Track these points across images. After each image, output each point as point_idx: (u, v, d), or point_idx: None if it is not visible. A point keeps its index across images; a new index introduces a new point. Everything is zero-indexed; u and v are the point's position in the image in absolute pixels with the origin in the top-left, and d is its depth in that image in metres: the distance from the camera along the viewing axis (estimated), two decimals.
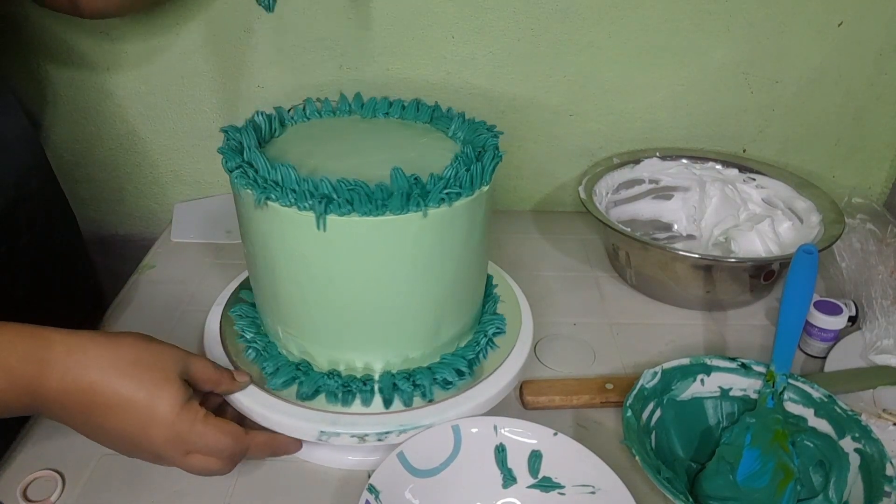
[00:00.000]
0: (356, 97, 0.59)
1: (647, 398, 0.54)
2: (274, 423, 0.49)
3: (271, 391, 0.51)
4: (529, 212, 0.91)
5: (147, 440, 0.44)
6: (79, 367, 0.42)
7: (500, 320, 0.58)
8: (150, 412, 0.43)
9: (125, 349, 0.44)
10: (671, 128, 0.85)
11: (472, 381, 0.52)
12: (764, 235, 0.74)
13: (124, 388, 0.43)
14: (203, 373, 0.48)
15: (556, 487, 0.49)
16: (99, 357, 0.43)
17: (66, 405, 0.43)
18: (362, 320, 0.50)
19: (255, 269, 0.53)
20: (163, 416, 0.43)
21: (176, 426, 0.44)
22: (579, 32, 0.78)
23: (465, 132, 0.55)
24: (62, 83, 0.81)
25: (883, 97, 0.83)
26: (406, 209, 0.45)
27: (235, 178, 0.47)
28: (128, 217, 0.93)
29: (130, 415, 0.43)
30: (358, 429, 0.48)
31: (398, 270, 0.48)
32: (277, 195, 0.45)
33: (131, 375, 0.43)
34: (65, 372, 0.42)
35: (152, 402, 0.43)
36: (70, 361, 0.42)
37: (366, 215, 0.44)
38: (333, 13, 0.76)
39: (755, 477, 0.51)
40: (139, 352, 0.44)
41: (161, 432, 0.44)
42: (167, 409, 0.43)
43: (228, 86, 0.81)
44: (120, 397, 0.43)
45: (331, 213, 0.44)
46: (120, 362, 0.43)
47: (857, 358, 0.64)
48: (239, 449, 0.47)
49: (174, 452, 0.45)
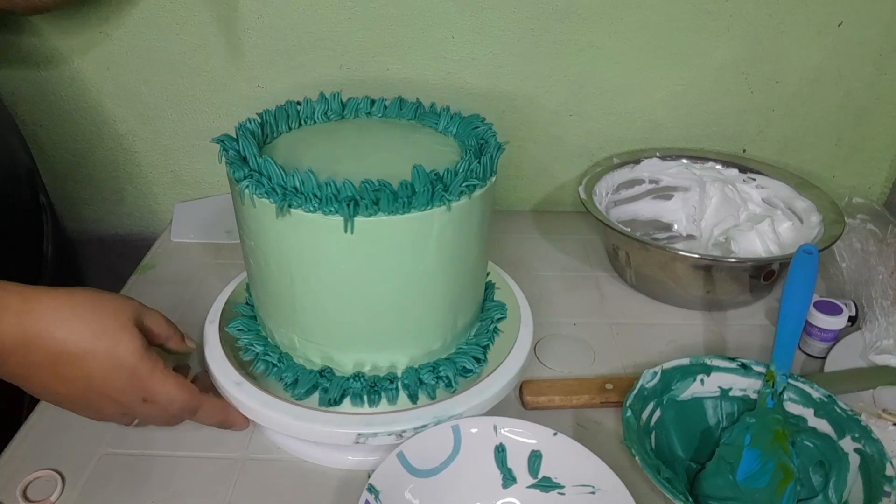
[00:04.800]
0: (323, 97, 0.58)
1: (647, 398, 0.54)
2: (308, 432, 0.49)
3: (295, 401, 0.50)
4: (529, 212, 0.91)
5: (110, 385, 0.45)
6: (35, 315, 0.42)
7: (500, 306, 0.59)
8: (111, 357, 0.44)
9: (80, 298, 0.44)
10: (671, 128, 0.85)
11: (477, 379, 0.53)
12: (764, 235, 0.74)
13: (85, 335, 0.43)
14: (156, 325, 0.49)
15: (555, 487, 0.49)
16: (56, 307, 0.43)
17: (24, 354, 0.43)
18: (389, 319, 0.50)
19: (269, 280, 0.51)
20: (125, 360, 0.44)
21: (137, 371, 0.45)
22: (579, 32, 0.78)
23: (459, 126, 0.55)
24: (62, 83, 0.81)
25: (883, 97, 0.83)
26: (430, 205, 0.45)
27: (247, 187, 0.46)
28: (128, 217, 0.93)
29: (93, 361, 0.44)
30: (396, 426, 0.49)
31: (423, 265, 0.48)
32: (300, 202, 0.44)
33: (91, 322, 0.44)
34: (21, 319, 0.42)
35: (114, 347, 0.44)
36: (26, 309, 0.42)
37: (392, 214, 0.44)
38: (333, 13, 0.76)
39: (755, 477, 0.51)
40: (95, 301, 0.45)
41: (122, 376, 0.45)
42: (128, 354, 0.45)
43: (228, 86, 0.81)
44: (82, 344, 0.43)
45: (358, 215, 0.44)
46: (78, 310, 0.44)
47: (857, 358, 0.64)
48: (192, 405, 0.48)
49: (132, 397, 0.46)
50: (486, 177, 0.49)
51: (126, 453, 0.54)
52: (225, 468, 0.53)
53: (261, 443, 0.55)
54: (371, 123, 0.58)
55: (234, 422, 0.52)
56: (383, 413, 0.50)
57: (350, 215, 0.44)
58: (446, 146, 0.54)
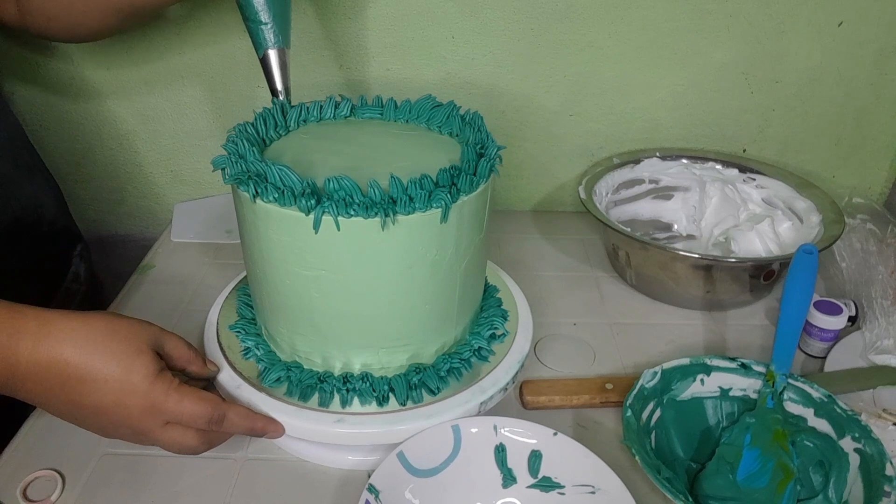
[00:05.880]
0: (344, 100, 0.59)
1: (647, 398, 0.54)
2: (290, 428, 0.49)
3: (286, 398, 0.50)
4: (529, 212, 0.91)
5: (124, 412, 0.44)
6: (51, 340, 0.42)
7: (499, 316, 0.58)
8: (124, 383, 0.43)
9: (97, 323, 0.44)
10: (671, 128, 0.85)
11: (472, 381, 0.53)
12: (764, 235, 0.74)
13: (98, 360, 0.43)
14: (176, 349, 0.49)
15: (555, 487, 0.49)
16: (72, 330, 0.43)
17: (40, 380, 0.42)
18: (362, 320, 0.49)
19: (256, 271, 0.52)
20: (137, 386, 0.44)
21: (151, 395, 0.44)
22: (579, 32, 0.78)
23: (464, 130, 0.55)
24: (62, 83, 0.81)
25: (883, 97, 0.83)
26: (405, 210, 0.44)
27: (233, 177, 0.47)
28: (128, 217, 0.93)
29: (105, 387, 0.43)
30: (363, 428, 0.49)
31: (395, 271, 0.47)
32: (275, 195, 0.45)
33: (104, 348, 0.43)
34: (37, 343, 0.42)
35: (127, 373, 0.43)
36: (42, 333, 0.42)
37: (365, 217, 0.44)
38: (333, 13, 0.76)
39: (755, 477, 0.51)
40: (111, 326, 0.45)
41: (137, 402, 0.44)
42: (141, 379, 0.44)
43: (228, 86, 0.81)
44: (94, 370, 0.43)
45: (329, 214, 0.44)
46: (92, 335, 0.43)
47: (857, 358, 0.64)
48: (216, 415, 0.47)
49: (151, 423, 0.45)
50: (473, 186, 0.48)
51: (126, 453, 0.54)
52: (225, 468, 0.53)
53: (261, 443, 0.55)
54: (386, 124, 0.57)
55: (266, 428, 0.49)
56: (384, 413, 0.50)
57: (320, 213, 0.44)
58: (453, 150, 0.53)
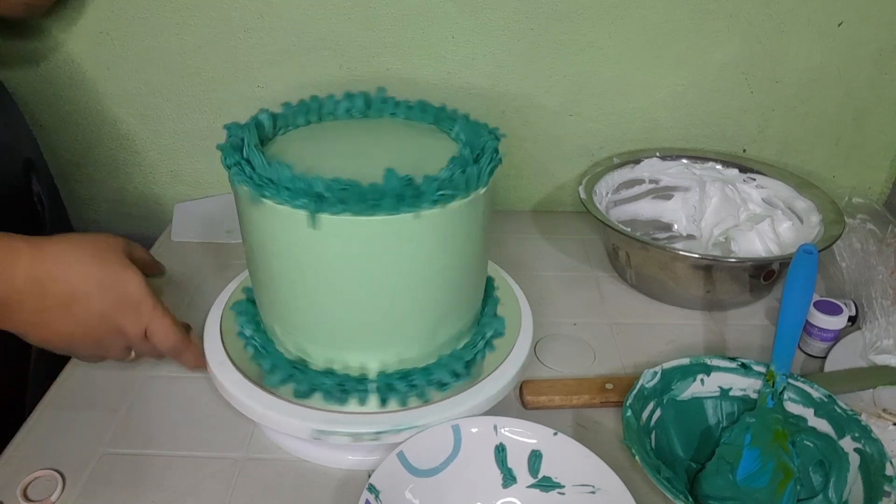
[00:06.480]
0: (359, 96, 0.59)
1: (647, 398, 0.54)
2: (270, 420, 0.49)
3: (269, 389, 0.51)
4: (529, 212, 0.91)
5: (121, 319, 0.49)
6: (46, 260, 0.46)
7: (499, 322, 0.57)
8: (121, 293, 0.48)
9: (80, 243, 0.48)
10: (671, 128, 0.85)
11: (472, 381, 0.52)
12: (764, 235, 0.74)
13: (94, 275, 0.47)
14: (141, 256, 0.54)
15: (555, 487, 0.49)
16: (62, 251, 0.47)
17: (38, 298, 0.46)
18: (356, 319, 0.49)
19: (253, 266, 0.53)
20: (132, 295, 0.49)
21: (143, 305, 0.49)
22: (579, 32, 0.78)
23: (467, 133, 0.54)
24: (62, 83, 0.81)
25: (883, 97, 0.83)
26: (398, 210, 0.44)
27: (233, 174, 0.48)
28: (128, 217, 0.93)
29: (104, 298, 0.48)
30: (353, 428, 0.48)
31: (390, 271, 0.47)
32: (272, 192, 0.45)
33: (95, 264, 0.48)
34: (33, 264, 0.45)
35: (122, 284, 0.49)
36: (37, 255, 0.46)
37: (358, 215, 0.44)
38: (333, 13, 0.76)
39: (755, 477, 0.51)
40: (93, 243, 0.49)
41: (131, 309, 0.49)
42: (135, 289, 0.49)
43: (228, 86, 0.81)
44: (91, 284, 0.47)
45: (323, 211, 0.44)
46: (80, 254, 0.47)
47: (857, 358, 0.64)
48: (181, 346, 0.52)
49: (138, 329, 0.50)
50: (468, 188, 0.47)
51: (126, 453, 0.54)
52: (225, 468, 0.53)
53: (261, 443, 0.55)
54: (389, 124, 0.57)
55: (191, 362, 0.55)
56: (384, 413, 0.50)
57: (315, 211, 0.44)
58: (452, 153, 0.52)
